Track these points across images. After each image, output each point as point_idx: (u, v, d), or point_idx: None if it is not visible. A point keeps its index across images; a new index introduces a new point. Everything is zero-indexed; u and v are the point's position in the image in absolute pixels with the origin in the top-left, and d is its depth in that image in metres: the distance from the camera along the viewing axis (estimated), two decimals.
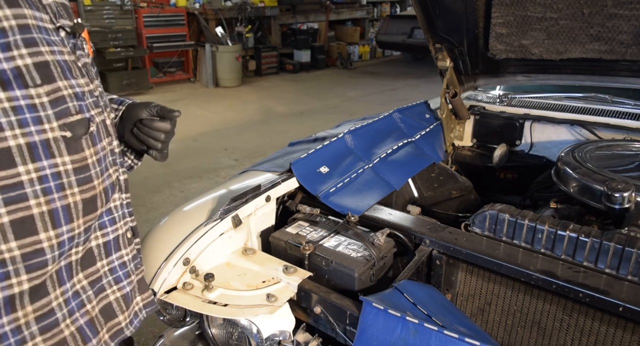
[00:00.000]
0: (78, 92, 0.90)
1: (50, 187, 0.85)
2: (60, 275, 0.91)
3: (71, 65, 0.90)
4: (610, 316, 1.12)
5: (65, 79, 0.87)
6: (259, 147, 5.60)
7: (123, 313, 1.07)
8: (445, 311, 1.18)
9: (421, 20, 2.00)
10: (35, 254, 0.84)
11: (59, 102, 0.85)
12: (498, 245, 1.31)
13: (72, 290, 0.95)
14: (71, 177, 0.88)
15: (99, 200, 0.96)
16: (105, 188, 0.98)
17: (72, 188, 0.88)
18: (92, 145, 0.92)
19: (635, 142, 1.84)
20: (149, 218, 3.95)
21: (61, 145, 0.86)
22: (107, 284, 1.04)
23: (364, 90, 8.55)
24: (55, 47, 0.86)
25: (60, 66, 0.86)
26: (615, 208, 1.40)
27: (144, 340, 2.59)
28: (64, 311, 0.92)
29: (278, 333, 1.22)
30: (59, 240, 0.87)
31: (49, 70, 0.83)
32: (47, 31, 0.86)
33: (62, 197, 0.87)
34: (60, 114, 0.85)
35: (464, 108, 2.25)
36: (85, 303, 0.98)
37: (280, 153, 1.87)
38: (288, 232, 1.41)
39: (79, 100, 0.89)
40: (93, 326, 0.99)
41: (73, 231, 0.90)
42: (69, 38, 0.93)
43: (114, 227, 1.04)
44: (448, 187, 1.95)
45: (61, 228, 0.87)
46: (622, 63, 1.84)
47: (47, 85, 0.83)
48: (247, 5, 8.91)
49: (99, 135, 0.95)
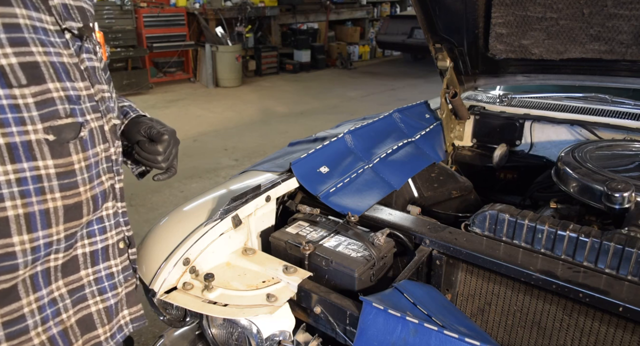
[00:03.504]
0: (72, 95, 0.87)
1: (29, 190, 0.82)
2: (35, 281, 0.88)
3: (70, 67, 0.88)
4: (610, 316, 1.12)
5: (58, 81, 0.85)
6: (259, 147, 5.60)
7: (103, 327, 1.03)
8: (445, 311, 1.18)
9: (421, 20, 2.00)
10: (5, 257, 0.81)
11: (46, 103, 0.82)
12: (498, 245, 1.31)
13: (49, 297, 0.91)
14: (53, 181, 0.85)
15: (85, 208, 0.92)
16: (94, 196, 0.95)
17: (53, 193, 0.85)
18: (81, 151, 0.89)
19: (635, 142, 1.84)
20: (149, 218, 3.95)
21: (44, 148, 0.83)
22: (90, 294, 1.00)
23: (364, 90, 8.55)
24: (53, 49, 0.84)
25: (54, 68, 0.84)
26: (615, 208, 1.40)
27: (144, 340, 2.59)
28: (37, 318, 0.89)
29: (278, 333, 1.22)
30: (33, 245, 0.84)
31: (38, 71, 0.81)
32: (47, 32, 0.84)
33: (41, 201, 0.84)
34: (46, 116, 0.82)
35: (464, 108, 2.25)
36: (61, 312, 0.94)
37: (280, 153, 1.87)
38: (288, 232, 1.41)
39: (71, 103, 0.87)
40: (66, 337, 0.95)
41: (51, 237, 0.87)
42: (75, 40, 0.91)
43: (103, 236, 1.01)
44: (448, 187, 1.95)
45: (37, 233, 0.84)
46: (622, 63, 1.84)
47: (34, 86, 0.81)
48: (247, 5, 8.91)
49: (92, 141, 0.92)
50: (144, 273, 1.28)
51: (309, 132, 2.32)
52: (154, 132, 1.15)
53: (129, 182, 1.15)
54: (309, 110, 7.29)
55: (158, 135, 1.15)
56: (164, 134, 1.15)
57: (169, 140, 1.17)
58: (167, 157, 1.19)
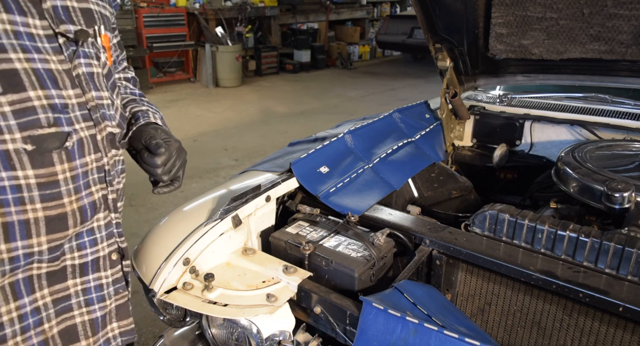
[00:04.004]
0: (57, 103, 0.83)
1: (7, 199, 0.79)
2: (17, 288, 0.86)
3: (57, 74, 0.84)
4: (610, 316, 1.12)
5: (41, 89, 0.81)
6: (259, 147, 5.60)
7: (87, 339, 1.00)
8: (445, 311, 1.18)
9: (421, 20, 2.00)
10: None
11: (25, 112, 0.79)
12: (498, 245, 1.31)
13: (32, 306, 0.89)
14: (34, 191, 0.82)
15: (71, 219, 0.89)
16: (82, 207, 0.91)
17: (33, 203, 0.82)
18: (67, 161, 0.86)
19: (635, 142, 1.84)
20: (149, 218, 3.95)
21: (23, 158, 0.80)
22: (77, 304, 0.97)
23: (364, 90, 8.55)
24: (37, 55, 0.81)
25: (36, 75, 0.80)
26: (615, 208, 1.40)
27: (144, 340, 2.59)
28: (16, 327, 0.86)
29: (278, 333, 1.22)
30: (11, 255, 0.82)
31: (16, 78, 0.78)
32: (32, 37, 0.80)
33: (20, 211, 0.81)
34: (25, 125, 0.79)
35: (464, 108, 2.25)
36: (43, 321, 0.91)
37: (280, 153, 1.87)
38: (288, 232, 1.41)
39: (55, 112, 0.83)
40: None
41: (31, 247, 0.84)
42: (70, 45, 0.87)
43: (94, 248, 0.98)
44: (448, 187, 1.95)
45: (15, 243, 0.82)
46: (622, 63, 1.84)
47: (12, 94, 0.77)
48: (247, 5, 8.90)
49: (80, 151, 0.89)
50: (144, 273, 1.28)
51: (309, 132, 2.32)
52: (152, 143, 1.07)
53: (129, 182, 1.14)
54: (309, 110, 7.29)
55: (155, 147, 1.07)
56: (160, 147, 1.07)
57: (167, 153, 1.10)
58: (167, 170, 1.12)
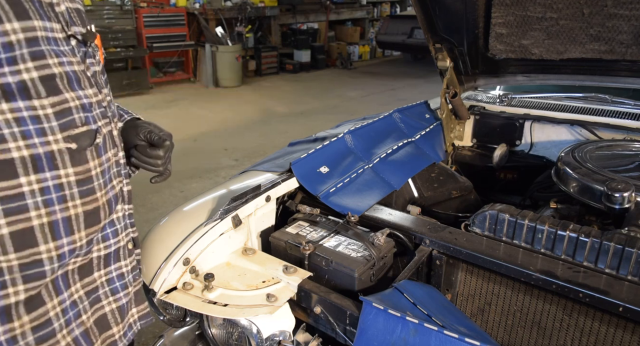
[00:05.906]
0: (85, 103, 0.89)
1: (52, 199, 0.84)
2: (57, 285, 0.90)
3: (80, 75, 0.89)
4: (610, 316, 1.12)
5: (72, 91, 0.86)
6: (259, 147, 5.59)
7: (117, 325, 1.05)
8: (445, 311, 1.18)
9: (421, 20, 2.00)
10: (33, 265, 0.83)
11: (64, 113, 0.84)
12: (498, 245, 1.31)
13: (70, 300, 0.93)
14: (74, 188, 0.87)
15: (102, 212, 0.94)
16: (109, 200, 0.97)
17: (74, 200, 0.87)
18: (96, 157, 0.91)
19: (635, 142, 1.84)
20: (149, 218, 3.95)
21: (65, 157, 0.85)
22: (104, 295, 1.02)
23: (364, 90, 8.55)
24: (65, 58, 0.85)
25: (67, 77, 0.85)
26: (615, 208, 1.40)
27: (144, 340, 2.59)
28: (61, 321, 0.91)
29: (278, 333, 1.22)
30: (59, 252, 0.86)
31: (54, 82, 0.82)
32: (57, 41, 0.84)
33: (63, 209, 0.85)
34: (65, 126, 0.84)
35: (464, 108, 2.25)
36: (81, 313, 0.96)
37: (280, 153, 1.87)
38: (288, 232, 1.41)
39: (85, 111, 0.88)
40: (88, 338, 0.97)
41: (74, 243, 0.89)
42: (80, 46, 0.91)
43: (116, 239, 1.03)
44: (448, 187, 1.95)
45: (61, 240, 0.86)
46: (622, 63, 1.84)
47: (53, 97, 0.82)
48: (247, 5, 8.90)
49: (104, 147, 0.94)
50: (144, 273, 1.28)
51: (309, 132, 2.32)
52: (154, 137, 1.17)
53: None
54: (309, 110, 7.29)
55: (159, 141, 1.17)
56: (166, 140, 1.18)
57: (170, 145, 1.20)
58: (165, 161, 1.23)
